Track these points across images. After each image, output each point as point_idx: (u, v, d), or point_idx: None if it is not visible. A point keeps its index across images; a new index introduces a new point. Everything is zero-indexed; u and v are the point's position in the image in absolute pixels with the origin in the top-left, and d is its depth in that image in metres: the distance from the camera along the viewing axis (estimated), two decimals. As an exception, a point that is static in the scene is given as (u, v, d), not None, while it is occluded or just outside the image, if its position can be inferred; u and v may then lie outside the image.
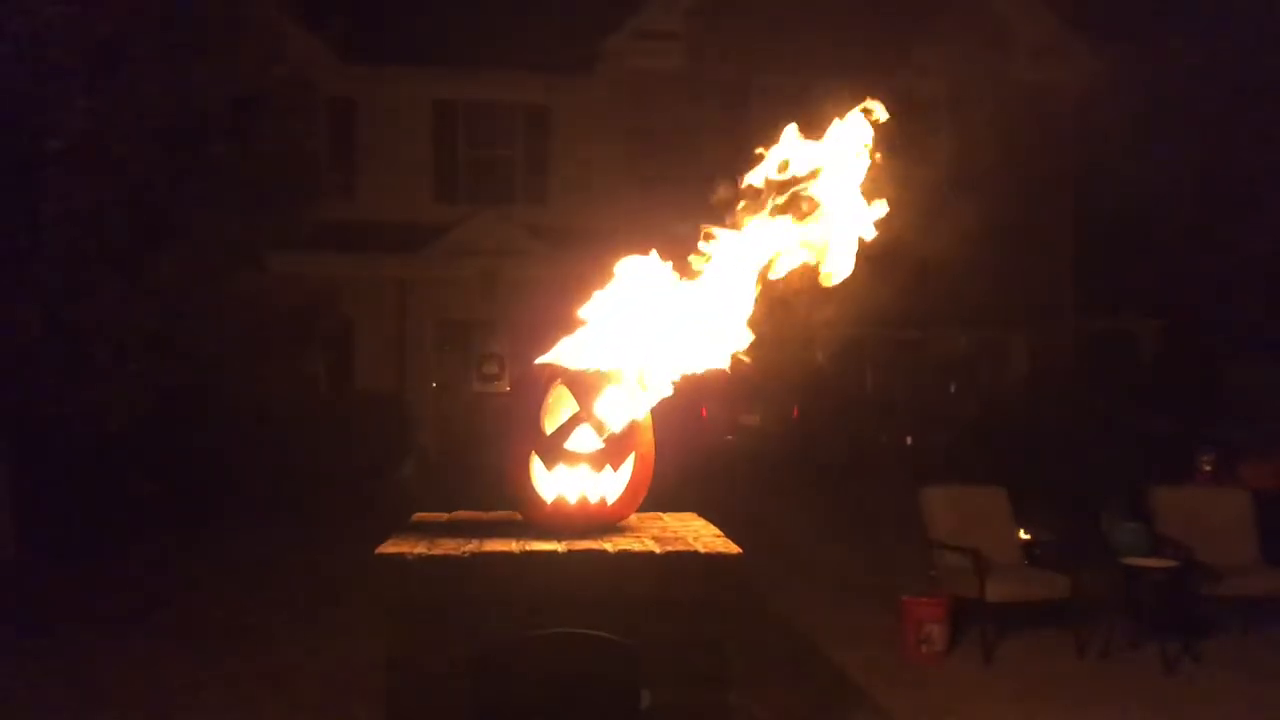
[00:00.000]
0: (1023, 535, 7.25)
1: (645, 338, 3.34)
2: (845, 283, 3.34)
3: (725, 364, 3.31)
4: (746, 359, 3.27)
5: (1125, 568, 6.81)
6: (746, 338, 3.28)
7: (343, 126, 16.44)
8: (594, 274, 3.55)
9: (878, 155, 3.25)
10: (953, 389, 17.27)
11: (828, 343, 16.27)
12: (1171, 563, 6.74)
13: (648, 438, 3.50)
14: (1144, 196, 17.02)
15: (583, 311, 3.50)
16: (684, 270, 3.35)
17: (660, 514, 3.87)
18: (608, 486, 3.40)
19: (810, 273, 3.27)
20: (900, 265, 9.79)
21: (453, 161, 17.10)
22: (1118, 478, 9.99)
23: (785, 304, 3.30)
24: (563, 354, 3.51)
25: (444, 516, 3.88)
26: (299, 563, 9.27)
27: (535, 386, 3.41)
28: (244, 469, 12.10)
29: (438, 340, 16.80)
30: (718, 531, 3.53)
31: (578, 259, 14.87)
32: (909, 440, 15.67)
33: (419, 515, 3.88)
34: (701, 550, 3.20)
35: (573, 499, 3.37)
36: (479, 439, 16.34)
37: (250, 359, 11.12)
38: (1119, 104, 16.31)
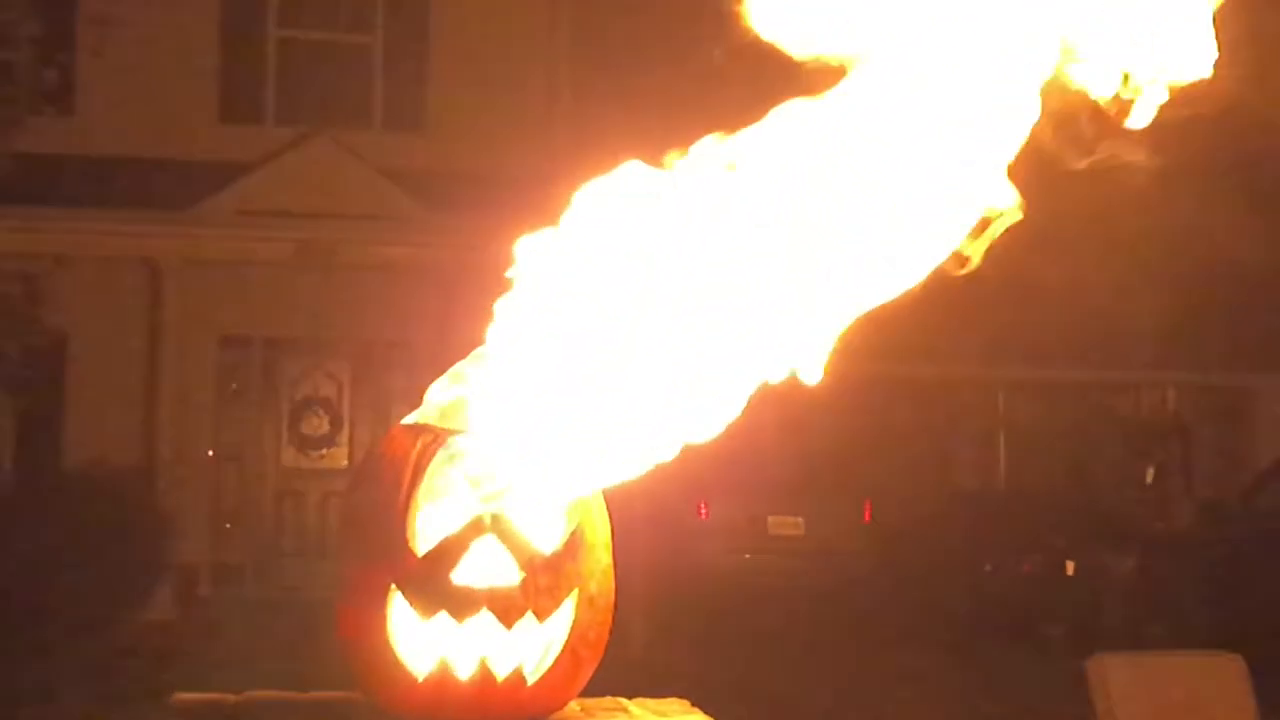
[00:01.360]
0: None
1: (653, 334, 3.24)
2: (957, 288, 3.37)
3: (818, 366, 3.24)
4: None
5: None
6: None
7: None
8: (506, 252, 3.51)
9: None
10: (1150, 476, 17.39)
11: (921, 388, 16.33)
12: None
13: (603, 561, 3.50)
14: None
15: (496, 318, 3.47)
16: None
17: (622, 700, 3.89)
18: (528, 650, 3.39)
19: None
20: (1059, 258, 9.87)
21: (257, 55, 17.12)
22: None
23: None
24: (452, 403, 3.50)
25: (228, 697, 3.87)
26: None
27: (399, 464, 3.40)
28: None
29: (221, 372, 16.74)
30: (726, 734, 3.54)
31: (478, 226, 14.92)
32: (1070, 567, 15.75)
33: (182, 695, 3.88)
34: (697, 770, 3.21)
35: (465, 671, 3.36)
36: (294, 555, 16.23)
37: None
38: None
